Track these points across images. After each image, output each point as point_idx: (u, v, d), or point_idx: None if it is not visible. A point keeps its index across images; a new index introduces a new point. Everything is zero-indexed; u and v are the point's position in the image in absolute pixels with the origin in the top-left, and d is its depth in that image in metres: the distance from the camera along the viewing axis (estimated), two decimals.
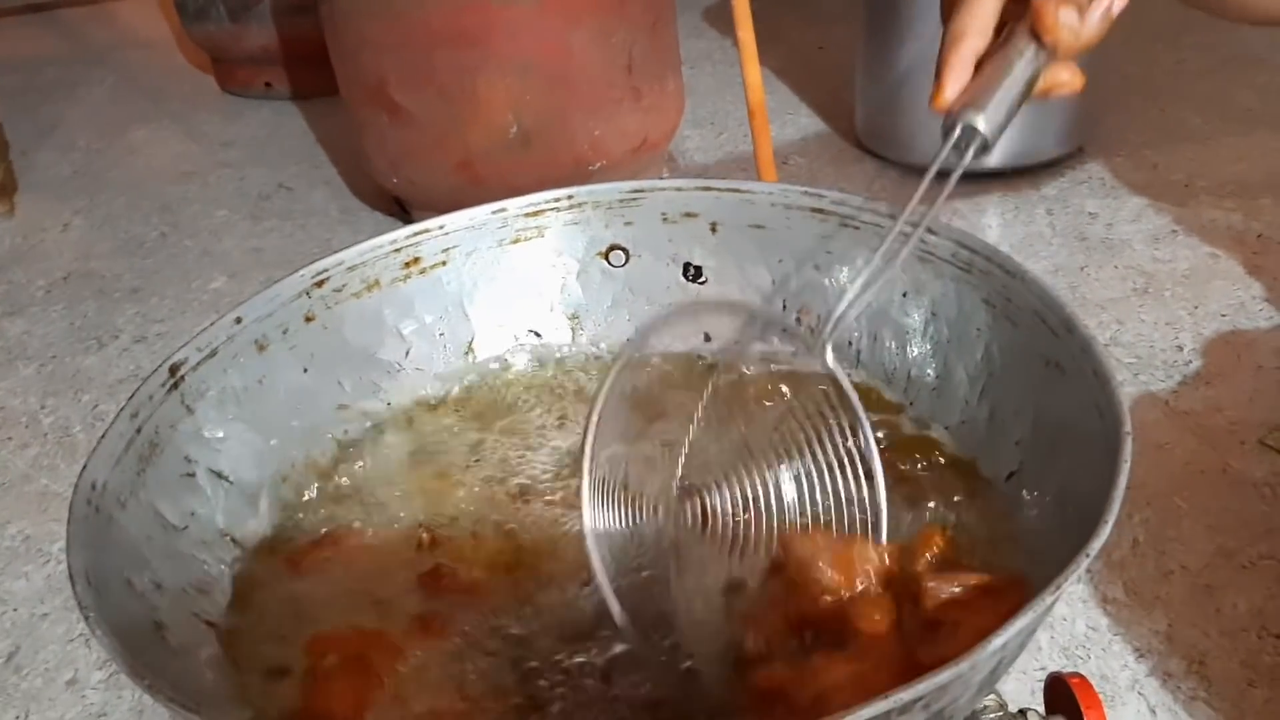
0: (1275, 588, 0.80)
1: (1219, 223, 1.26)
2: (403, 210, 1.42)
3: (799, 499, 0.50)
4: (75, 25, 2.49)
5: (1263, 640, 0.76)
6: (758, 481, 0.51)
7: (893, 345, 0.62)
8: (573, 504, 0.57)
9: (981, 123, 0.46)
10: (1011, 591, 0.45)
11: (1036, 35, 0.48)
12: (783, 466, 0.51)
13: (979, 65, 0.49)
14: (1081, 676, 0.54)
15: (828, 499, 0.50)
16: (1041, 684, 0.57)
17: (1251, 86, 1.59)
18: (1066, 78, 0.50)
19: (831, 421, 0.50)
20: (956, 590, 0.45)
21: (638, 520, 0.51)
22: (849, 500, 0.49)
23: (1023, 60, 0.47)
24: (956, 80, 0.48)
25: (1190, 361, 1.04)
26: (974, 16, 0.48)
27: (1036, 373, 0.53)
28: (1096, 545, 0.39)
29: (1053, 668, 0.75)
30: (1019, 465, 0.54)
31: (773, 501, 0.50)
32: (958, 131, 0.47)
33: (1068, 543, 0.41)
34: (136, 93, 2.03)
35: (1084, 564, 0.39)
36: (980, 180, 1.37)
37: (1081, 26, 0.47)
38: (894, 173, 1.42)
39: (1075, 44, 0.48)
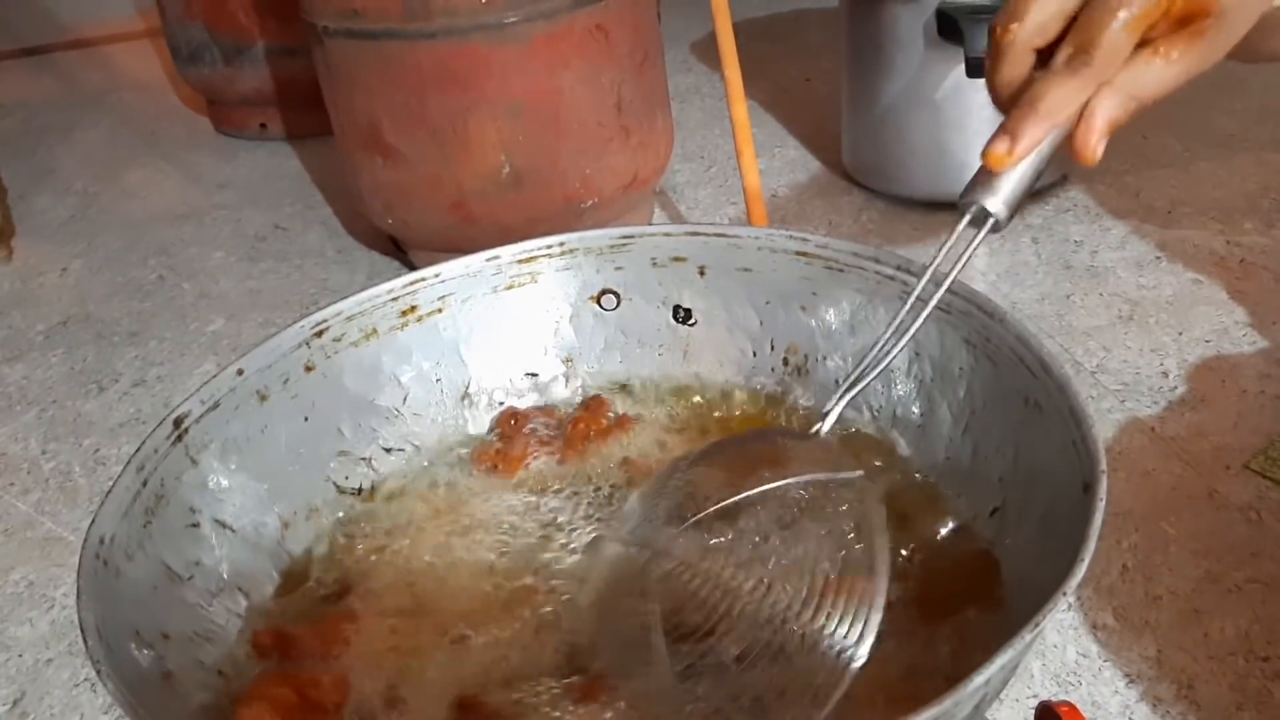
0: (1261, 611, 0.81)
1: (1202, 248, 1.28)
2: (398, 249, 1.44)
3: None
4: (69, 68, 2.51)
5: (1250, 664, 0.77)
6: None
7: (878, 384, 0.64)
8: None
9: (997, 206, 0.48)
10: None
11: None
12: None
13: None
14: (1071, 705, 0.55)
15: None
16: (1034, 712, 0.58)
17: (1230, 112, 1.61)
18: None
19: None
20: None
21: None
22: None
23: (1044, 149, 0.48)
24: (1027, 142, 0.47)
25: (1176, 387, 1.06)
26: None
27: (1016, 411, 0.55)
28: (1073, 583, 0.41)
29: (1044, 695, 0.76)
30: (1002, 501, 0.56)
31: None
32: (972, 211, 0.49)
33: (1050, 576, 0.42)
34: (132, 135, 2.05)
35: (1062, 601, 0.40)
36: None
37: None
38: (880, 204, 1.44)
39: None
